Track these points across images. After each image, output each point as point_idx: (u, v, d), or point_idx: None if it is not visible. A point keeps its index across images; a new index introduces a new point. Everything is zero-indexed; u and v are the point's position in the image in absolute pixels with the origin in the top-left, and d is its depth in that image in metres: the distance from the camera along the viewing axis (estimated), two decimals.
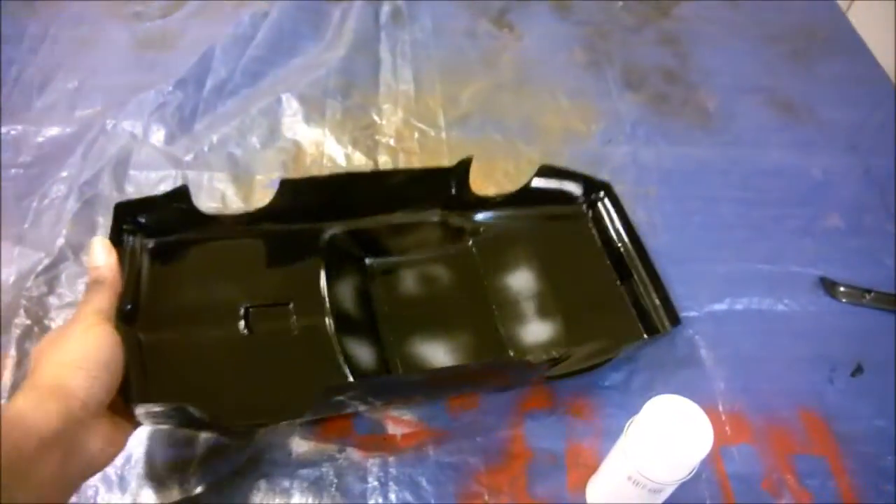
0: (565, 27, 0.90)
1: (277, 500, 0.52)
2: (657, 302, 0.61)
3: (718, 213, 0.73)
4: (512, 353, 0.59)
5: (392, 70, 0.83)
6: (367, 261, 0.64)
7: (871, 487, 0.55)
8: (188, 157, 0.72)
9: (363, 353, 0.57)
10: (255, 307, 0.57)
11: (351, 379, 0.53)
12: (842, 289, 0.68)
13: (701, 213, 0.73)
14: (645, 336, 0.61)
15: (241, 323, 0.56)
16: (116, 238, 0.53)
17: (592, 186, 0.67)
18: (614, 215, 0.66)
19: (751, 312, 0.66)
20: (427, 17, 0.89)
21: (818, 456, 0.57)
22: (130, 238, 0.56)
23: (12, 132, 0.73)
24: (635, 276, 0.63)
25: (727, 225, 0.73)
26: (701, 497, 0.54)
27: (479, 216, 0.66)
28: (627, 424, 0.45)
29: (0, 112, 0.75)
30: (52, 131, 0.73)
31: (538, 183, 0.67)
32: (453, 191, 0.65)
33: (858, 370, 0.62)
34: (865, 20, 1.00)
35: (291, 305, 0.58)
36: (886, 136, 0.83)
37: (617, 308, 0.63)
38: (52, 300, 0.61)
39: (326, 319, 0.56)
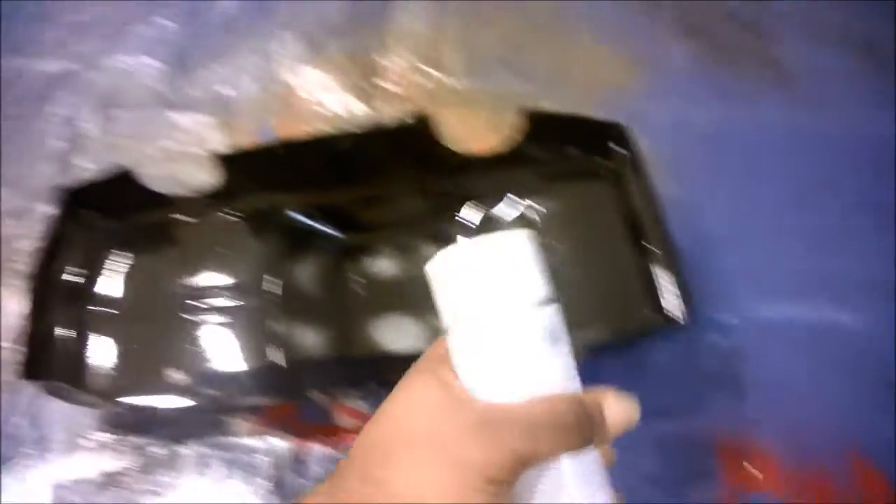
0: None
1: (203, 483, 0.49)
2: (670, 284, 0.50)
3: (780, 192, 0.60)
4: None
5: (406, 7, 0.73)
6: (342, 237, 0.57)
7: None
8: (176, 97, 0.67)
9: (317, 339, 0.52)
10: (196, 291, 0.55)
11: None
12: None
13: (757, 190, 0.60)
14: (659, 317, 0.50)
15: (181, 307, 0.54)
16: (67, 223, 0.53)
17: (603, 132, 0.56)
18: (631, 169, 0.54)
19: (804, 322, 0.53)
20: None
21: None
22: (83, 219, 0.55)
23: (14, 64, 0.71)
24: (648, 247, 0.52)
25: (789, 207, 0.59)
26: None
27: (469, 180, 0.58)
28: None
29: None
30: (50, 66, 0.70)
31: (535, 135, 0.56)
32: (422, 151, 0.56)
33: None
34: None
35: (233, 289, 0.54)
36: None
37: (629, 290, 0.52)
38: (21, 242, 0.59)
39: (267, 302, 0.52)
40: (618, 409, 0.29)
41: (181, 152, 0.63)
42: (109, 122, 0.66)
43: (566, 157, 0.57)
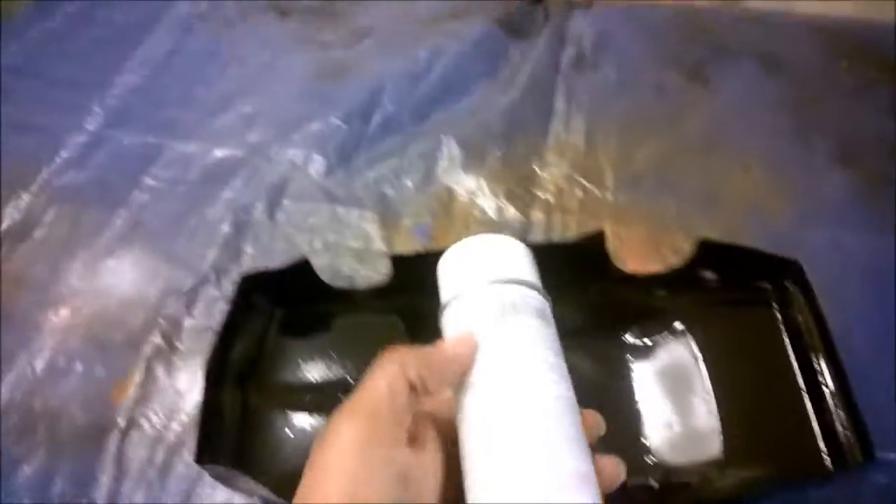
0: (771, 85, 0.79)
1: None
2: (845, 424, 0.48)
3: None
4: (652, 463, 0.50)
5: (564, 120, 0.76)
6: None
7: None
8: (341, 192, 0.70)
9: None
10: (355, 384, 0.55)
11: None
12: None
13: None
14: (830, 468, 0.48)
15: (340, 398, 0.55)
16: (240, 308, 0.55)
17: (776, 267, 0.56)
18: (803, 305, 0.54)
19: None
20: (612, 66, 0.82)
21: None
22: (255, 305, 0.58)
23: (187, 149, 0.76)
24: (823, 388, 0.50)
25: None
26: None
27: (630, 298, 0.58)
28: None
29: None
30: (221, 153, 0.75)
31: (706, 260, 0.57)
32: (588, 265, 0.58)
33: None
34: None
35: None
36: None
37: (796, 425, 0.51)
38: (187, 322, 0.61)
39: None
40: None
41: (346, 247, 0.65)
42: (277, 211, 0.69)
43: (735, 286, 0.57)
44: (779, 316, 0.56)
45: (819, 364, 0.51)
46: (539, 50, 0.84)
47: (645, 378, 0.54)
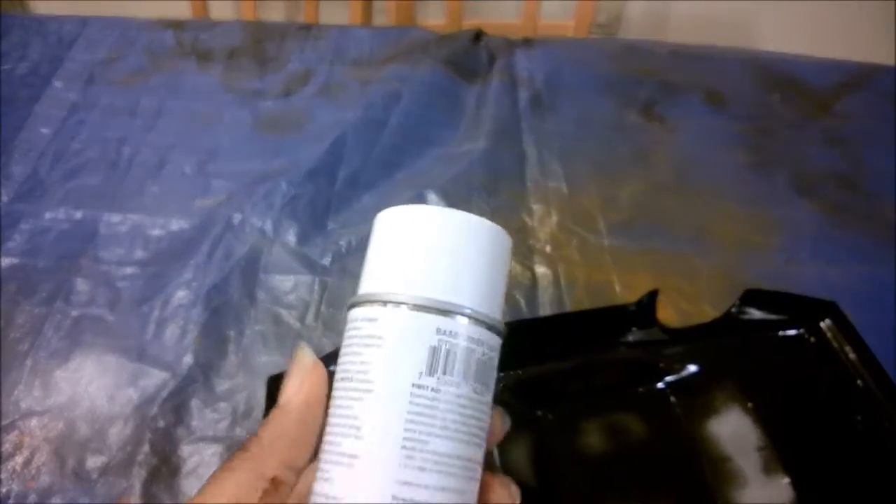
0: (721, 121, 0.82)
1: None
2: None
3: None
4: None
5: (539, 165, 0.74)
6: (539, 413, 0.54)
7: None
8: (325, 261, 0.63)
9: None
10: None
11: None
12: None
13: None
14: None
15: None
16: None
17: (814, 309, 0.57)
18: (845, 343, 0.55)
19: None
20: (570, 107, 0.81)
21: None
22: None
23: (128, 222, 0.66)
24: (886, 424, 0.51)
25: None
26: None
27: (670, 350, 0.57)
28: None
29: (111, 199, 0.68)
30: (172, 224, 0.66)
31: (745, 307, 0.57)
32: (637, 326, 0.56)
33: None
34: None
35: None
36: None
37: (868, 465, 0.51)
38: (181, 432, 0.52)
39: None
40: None
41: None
42: (256, 288, 0.61)
43: (775, 332, 0.57)
44: (818, 354, 0.56)
45: (877, 402, 0.52)
46: (494, 92, 0.81)
47: (700, 434, 0.53)
